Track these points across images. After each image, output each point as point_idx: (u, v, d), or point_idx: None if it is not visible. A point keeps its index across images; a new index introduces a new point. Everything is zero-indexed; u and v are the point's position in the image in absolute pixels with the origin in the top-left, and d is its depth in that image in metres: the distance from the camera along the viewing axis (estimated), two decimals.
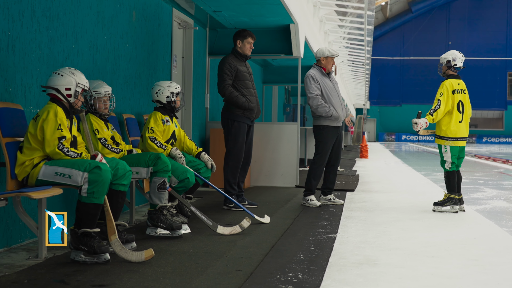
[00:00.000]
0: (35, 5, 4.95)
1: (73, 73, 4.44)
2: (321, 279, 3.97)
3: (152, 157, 5.22)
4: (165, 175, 5.25)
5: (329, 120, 7.46)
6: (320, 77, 7.49)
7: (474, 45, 59.13)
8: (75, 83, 4.41)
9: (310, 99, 7.41)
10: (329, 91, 7.48)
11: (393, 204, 7.89)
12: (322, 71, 7.56)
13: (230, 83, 7.00)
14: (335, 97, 7.52)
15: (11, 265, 4.16)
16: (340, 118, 7.52)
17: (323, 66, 7.57)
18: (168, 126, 5.94)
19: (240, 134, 7.06)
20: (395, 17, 60.19)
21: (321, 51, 7.59)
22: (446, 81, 7.50)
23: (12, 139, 4.33)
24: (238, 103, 6.99)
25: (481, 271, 4.31)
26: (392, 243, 5.25)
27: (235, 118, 7.06)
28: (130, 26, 6.87)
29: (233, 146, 7.07)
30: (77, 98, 4.43)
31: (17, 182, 4.31)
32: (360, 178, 12.02)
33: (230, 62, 7.03)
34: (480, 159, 22.70)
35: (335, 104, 7.47)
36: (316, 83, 7.43)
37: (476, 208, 7.98)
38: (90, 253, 4.21)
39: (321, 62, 7.59)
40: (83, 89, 4.47)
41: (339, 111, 7.49)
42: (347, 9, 14.42)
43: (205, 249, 4.77)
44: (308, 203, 7.51)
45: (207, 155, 6.22)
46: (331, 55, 7.52)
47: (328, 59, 7.55)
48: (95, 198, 4.22)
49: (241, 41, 7.14)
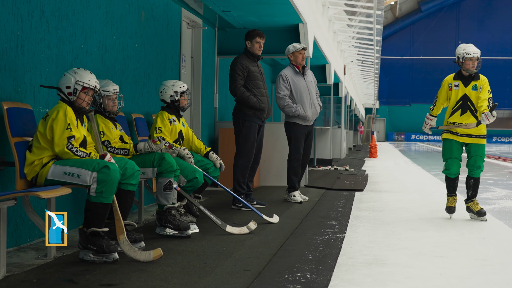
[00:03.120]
0: (44, 5, 4.96)
1: (75, 72, 4.44)
2: (330, 279, 3.96)
3: (157, 157, 5.21)
4: (171, 176, 5.25)
5: (298, 119, 7.62)
6: (292, 76, 7.62)
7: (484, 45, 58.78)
8: (74, 81, 4.40)
9: (277, 98, 7.59)
10: (300, 91, 7.61)
11: (402, 204, 7.87)
12: (295, 70, 7.68)
13: (242, 83, 7.02)
14: (306, 97, 7.64)
15: (20, 264, 4.17)
16: (308, 117, 7.66)
17: (295, 64, 7.68)
18: (175, 125, 5.94)
19: (250, 133, 7.08)
20: (405, 16, 60.06)
21: (287, 49, 7.72)
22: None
23: (21, 138, 4.34)
24: (250, 103, 7.01)
25: (490, 271, 4.29)
26: (400, 243, 5.24)
27: (246, 118, 7.08)
28: (139, 26, 6.88)
29: (243, 146, 7.08)
30: (76, 95, 4.41)
31: (26, 182, 4.33)
32: (369, 177, 12.00)
33: (242, 62, 7.05)
34: (490, 159, 22.60)
35: (304, 104, 7.61)
36: (285, 82, 7.55)
37: (486, 208, 7.93)
38: (98, 252, 4.22)
39: (291, 60, 7.70)
40: (85, 87, 4.42)
41: (307, 111, 7.63)
42: (356, 9, 14.39)
43: (213, 248, 4.77)
44: (291, 199, 7.66)
45: (215, 154, 6.23)
46: (295, 49, 7.63)
47: (295, 54, 7.66)
48: (104, 197, 4.23)
49: (250, 41, 7.15)
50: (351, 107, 29.67)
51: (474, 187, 6.72)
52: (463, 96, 6.64)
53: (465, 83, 6.66)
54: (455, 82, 6.73)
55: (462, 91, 6.65)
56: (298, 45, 7.63)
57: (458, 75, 6.74)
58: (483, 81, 6.65)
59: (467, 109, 6.62)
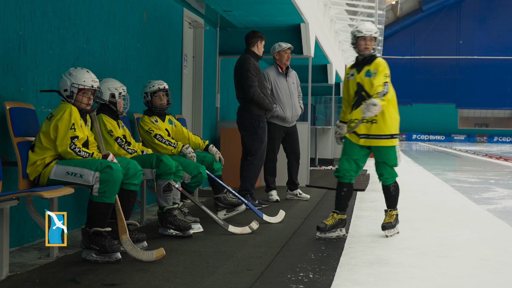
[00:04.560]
0: (47, 5, 4.96)
1: (70, 73, 4.41)
2: (332, 278, 3.96)
3: (155, 159, 5.19)
4: (169, 178, 5.23)
5: (276, 119, 7.64)
6: (274, 76, 7.67)
7: (485, 44, 58.89)
8: (69, 84, 4.39)
9: None
10: (281, 91, 7.65)
11: (403, 204, 7.85)
12: (278, 70, 7.72)
13: (257, 84, 7.05)
14: (287, 98, 7.68)
15: (23, 264, 4.18)
16: (287, 119, 7.70)
17: (279, 64, 7.71)
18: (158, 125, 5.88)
19: (264, 134, 7.18)
20: (406, 16, 60.03)
21: (272, 47, 7.75)
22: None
23: (23, 138, 4.34)
24: (264, 104, 7.09)
25: (492, 271, 4.29)
26: (403, 243, 5.24)
27: (259, 118, 7.18)
28: (141, 25, 6.88)
29: (259, 147, 7.11)
30: (74, 98, 4.40)
31: (28, 182, 4.33)
32: (371, 177, 11.99)
33: (254, 64, 7.09)
34: (491, 159, 22.60)
35: (284, 104, 7.65)
36: (266, 81, 7.58)
37: (488, 208, 7.94)
38: (101, 252, 4.22)
39: (276, 59, 7.74)
40: (80, 89, 4.39)
41: (287, 112, 7.68)
42: (357, 8, 14.40)
43: (215, 248, 4.77)
44: (269, 198, 7.72)
45: (215, 147, 6.25)
46: (281, 48, 7.66)
47: (280, 53, 7.70)
48: (106, 197, 4.23)
49: (260, 42, 7.19)
50: None
51: (387, 196, 5.72)
52: (358, 85, 5.42)
53: (359, 70, 5.44)
54: (351, 71, 5.51)
55: (356, 79, 5.43)
56: (284, 44, 7.67)
57: (355, 62, 5.56)
58: (378, 64, 5.37)
59: (361, 101, 5.31)
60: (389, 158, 5.51)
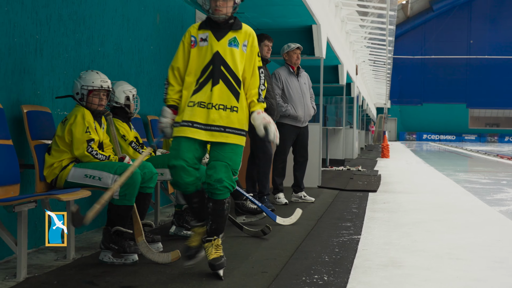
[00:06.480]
0: (62, 9, 5.01)
1: (80, 77, 4.50)
2: (347, 281, 3.97)
3: None
4: None
5: (288, 119, 7.61)
6: (285, 76, 7.66)
7: (496, 44, 58.68)
8: (79, 86, 4.47)
9: None
10: (292, 90, 7.63)
11: (416, 205, 7.87)
12: (289, 70, 7.72)
13: None
14: (298, 97, 7.65)
15: (40, 266, 4.22)
16: (299, 118, 7.65)
17: (289, 64, 7.72)
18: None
19: None
20: (416, 15, 59.92)
21: (282, 49, 7.77)
22: None
23: (40, 141, 4.39)
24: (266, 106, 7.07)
25: (507, 273, 4.29)
26: (416, 245, 5.24)
27: None
28: (154, 28, 6.92)
29: (268, 149, 7.09)
30: (85, 100, 4.46)
31: (45, 184, 4.37)
32: (382, 178, 11.99)
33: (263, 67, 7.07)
34: (503, 159, 22.51)
35: (296, 104, 7.62)
36: (277, 81, 7.60)
37: (500, 209, 7.92)
38: (120, 252, 4.26)
39: (286, 59, 7.75)
40: (90, 90, 4.45)
41: (299, 111, 7.63)
42: (368, 9, 14.38)
43: (230, 250, 4.78)
44: (276, 201, 7.64)
45: None
46: (289, 49, 7.67)
47: (289, 53, 7.71)
48: (127, 200, 4.27)
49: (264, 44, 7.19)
50: (363, 107, 29.64)
51: (214, 215, 3.95)
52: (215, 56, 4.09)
53: (218, 35, 4.10)
54: (204, 34, 4.15)
55: (213, 47, 4.10)
56: (292, 45, 7.68)
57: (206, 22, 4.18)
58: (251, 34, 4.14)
59: (218, 80, 4.07)
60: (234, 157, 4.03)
